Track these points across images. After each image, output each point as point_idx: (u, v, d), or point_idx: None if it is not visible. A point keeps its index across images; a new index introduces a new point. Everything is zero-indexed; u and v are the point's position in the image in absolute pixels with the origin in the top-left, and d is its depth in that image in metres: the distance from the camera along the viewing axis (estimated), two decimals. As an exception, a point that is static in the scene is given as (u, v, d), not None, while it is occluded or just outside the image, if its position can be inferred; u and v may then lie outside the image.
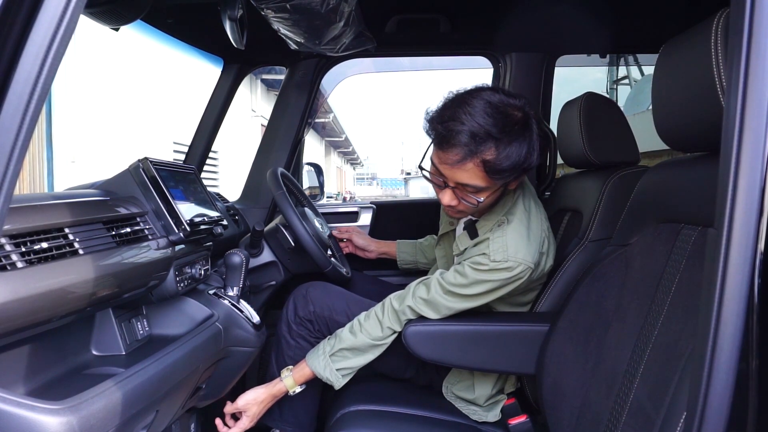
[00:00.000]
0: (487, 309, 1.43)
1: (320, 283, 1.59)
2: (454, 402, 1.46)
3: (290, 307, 1.54)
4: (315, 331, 1.52)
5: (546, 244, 1.37)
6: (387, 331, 1.36)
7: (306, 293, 1.54)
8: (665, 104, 0.98)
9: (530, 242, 1.29)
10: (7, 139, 0.57)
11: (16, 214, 0.82)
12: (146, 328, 1.20)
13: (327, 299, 1.52)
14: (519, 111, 1.24)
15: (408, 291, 1.37)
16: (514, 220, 1.32)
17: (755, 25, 0.63)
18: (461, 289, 1.30)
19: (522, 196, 1.39)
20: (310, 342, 1.51)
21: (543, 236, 1.36)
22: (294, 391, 1.41)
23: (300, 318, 1.52)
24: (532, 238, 1.30)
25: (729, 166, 0.63)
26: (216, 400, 1.41)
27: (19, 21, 0.58)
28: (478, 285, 1.29)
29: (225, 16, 1.42)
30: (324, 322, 1.51)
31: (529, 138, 1.23)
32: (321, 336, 1.51)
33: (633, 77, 7.65)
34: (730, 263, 0.63)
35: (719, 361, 0.63)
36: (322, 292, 1.54)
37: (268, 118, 2.21)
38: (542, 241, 1.35)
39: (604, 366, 1.06)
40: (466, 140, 1.19)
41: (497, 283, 1.28)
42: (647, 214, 1.09)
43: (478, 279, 1.28)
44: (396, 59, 2.44)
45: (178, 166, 1.36)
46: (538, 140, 1.25)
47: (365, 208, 2.32)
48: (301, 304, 1.52)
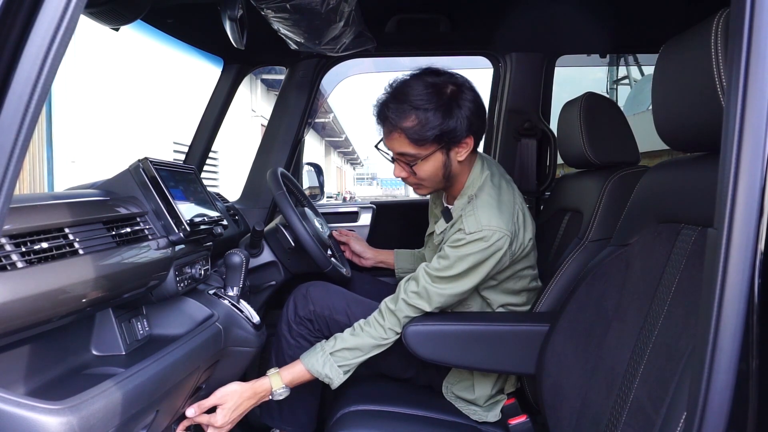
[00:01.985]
0: (482, 301, 1.44)
1: (321, 282, 1.59)
2: (454, 402, 1.46)
3: (290, 307, 1.54)
4: (315, 330, 1.52)
5: (521, 217, 1.40)
6: (390, 332, 1.36)
7: (306, 293, 1.54)
8: (665, 104, 0.98)
9: (502, 212, 1.34)
10: (7, 139, 0.57)
11: (16, 214, 0.82)
12: (146, 328, 1.20)
13: (327, 299, 1.52)
14: (453, 86, 1.34)
15: (399, 289, 1.38)
16: (483, 194, 1.38)
17: (755, 25, 0.63)
18: (446, 272, 1.33)
19: (491, 175, 1.43)
20: (310, 341, 1.51)
21: (516, 209, 1.39)
22: (277, 391, 1.35)
23: (300, 317, 1.51)
24: (503, 209, 1.35)
25: (729, 166, 0.63)
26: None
27: (19, 21, 0.58)
28: (460, 262, 1.31)
29: (225, 16, 1.42)
30: (324, 321, 1.50)
31: (456, 108, 1.32)
32: (321, 336, 1.51)
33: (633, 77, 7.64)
34: (730, 263, 0.63)
35: (719, 360, 0.63)
36: (322, 291, 1.54)
37: (268, 118, 2.21)
38: (515, 212, 1.38)
39: (604, 366, 1.06)
40: (390, 114, 1.33)
41: (478, 256, 1.31)
42: (647, 214, 1.09)
43: (458, 255, 1.31)
44: (396, 59, 2.44)
45: (178, 166, 1.36)
46: (471, 110, 1.34)
47: (365, 208, 2.32)
48: (301, 304, 1.52)
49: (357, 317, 1.43)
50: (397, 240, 2.09)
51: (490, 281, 1.41)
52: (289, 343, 1.52)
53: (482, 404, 1.43)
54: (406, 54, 2.31)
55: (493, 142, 2.29)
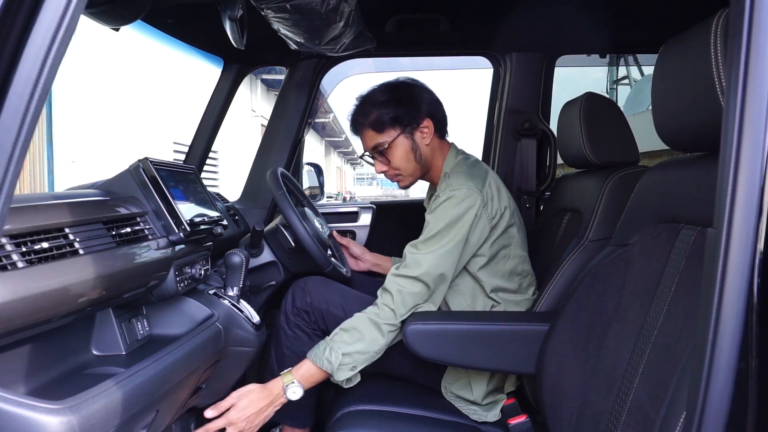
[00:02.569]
0: (473, 283, 1.47)
1: (319, 277, 1.61)
2: (454, 402, 1.46)
3: (289, 299, 1.56)
4: (311, 322, 1.54)
5: (494, 187, 1.47)
6: (384, 308, 1.36)
7: (304, 285, 1.56)
8: (665, 104, 0.98)
9: (471, 176, 1.45)
10: (7, 139, 0.57)
11: (16, 214, 0.82)
12: (146, 328, 1.20)
13: (324, 292, 1.55)
14: (405, 82, 1.57)
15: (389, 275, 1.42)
16: (453, 171, 1.50)
17: (755, 25, 0.63)
18: (426, 235, 1.41)
19: (464, 158, 1.55)
20: (307, 333, 1.53)
21: (489, 179, 1.47)
22: (289, 387, 1.34)
23: (297, 309, 1.54)
24: (473, 174, 1.47)
25: (728, 166, 0.63)
26: (216, 400, 1.41)
27: (19, 21, 0.58)
28: (436, 223, 1.40)
29: (225, 16, 1.42)
30: (320, 314, 1.52)
31: (407, 96, 1.52)
32: (317, 328, 1.53)
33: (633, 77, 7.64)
34: (730, 263, 0.63)
35: (719, 360, 0.63)
36: (320, 285, 1.57)
37: (268, 118, 2.21)
38: (487, 181, 1.46)
39: (603, 366, 1.06)
40: (358, 118, 1.54)
41: (452, 212, 1.39)
42: (647, 214, 1.09)
43: (435, 217, 1.41)
44: (396, 59, 2.44)
45: (178, 166, 1.36)
46: (424, 99, 1.53)
47: (365, 208, 2.32)
48: (299, 296, 1.55)
49: (353, 311, 1.43)
50: (397, 240, 2.09)
51: (478, 257, 1.45)
52: (287, 335, 1.54)
53: (481, 403, 1.43)
54: (406, 54, 2.32)
55: (493, 142, 2.29)
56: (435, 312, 1.41)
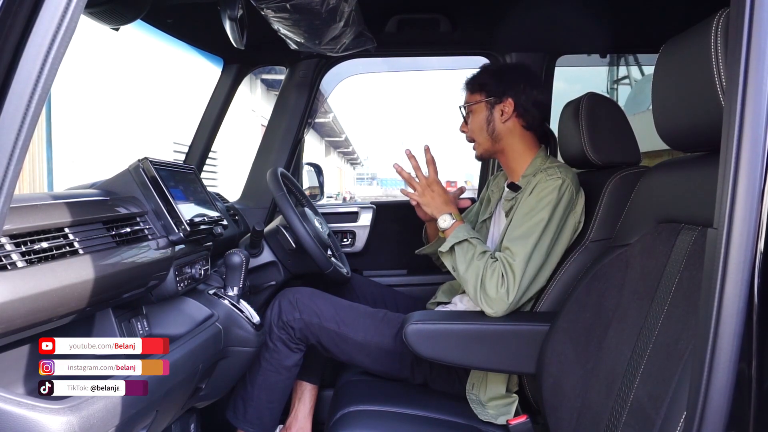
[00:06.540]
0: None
1: (307, 289, 1.59)
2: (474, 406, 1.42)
3: (275, 311, 1.53)
4: (295, 337, 1.51)
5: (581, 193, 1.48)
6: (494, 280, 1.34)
7: (294, 299, 1.53)
8: (665, 104, 0.98)
9: (568, 172, 1.48)
10: (7, 139, 0.57)
11: (16, 214, 0.82)
12: (146, 328, 1.20)
13: (315, 306, 1.52)
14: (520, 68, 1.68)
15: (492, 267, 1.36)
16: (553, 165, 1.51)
17: (755, 25, 0.63)
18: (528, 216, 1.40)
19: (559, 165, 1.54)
20: (288, 347, 1.51)
21: (576, 180, 1.48)
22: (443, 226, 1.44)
23: (283, 322, 1.51)
24: (569, 172, 1.48)
25: (729, 166, 0.63)
26: (216, 400, 1.41)
27: (19, 21, 0.58)
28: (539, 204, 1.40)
29: (225, 16, 1.42)
30: (310, 329, 1.50)
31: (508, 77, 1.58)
32: (301, 343, 1.52)
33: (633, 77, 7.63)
34: (730, 263, 0.63)
35: (719, 360, 0.63)
36: (310, 298, 1.54)
37: (268, 118, 2.21)
38: (577, 183, 1.48)
39: (604, 366, 1.06)
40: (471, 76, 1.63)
41: (552, 196, 1.40)
42: (647, 214, 1.09)
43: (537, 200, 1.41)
44: (396, 59, 2.44)
45: (178, 166, 1.36)
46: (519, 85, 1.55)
47: (365, 208, 2.32)
48: (286, 310, 1.52)
49: (347, 323, 1.43)
50: (397, 240, 2.09)
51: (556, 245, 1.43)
52: (266, 346, 1.51)
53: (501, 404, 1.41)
54: (406, 54, 2.32)
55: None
56: (435, 312, 1.41)
